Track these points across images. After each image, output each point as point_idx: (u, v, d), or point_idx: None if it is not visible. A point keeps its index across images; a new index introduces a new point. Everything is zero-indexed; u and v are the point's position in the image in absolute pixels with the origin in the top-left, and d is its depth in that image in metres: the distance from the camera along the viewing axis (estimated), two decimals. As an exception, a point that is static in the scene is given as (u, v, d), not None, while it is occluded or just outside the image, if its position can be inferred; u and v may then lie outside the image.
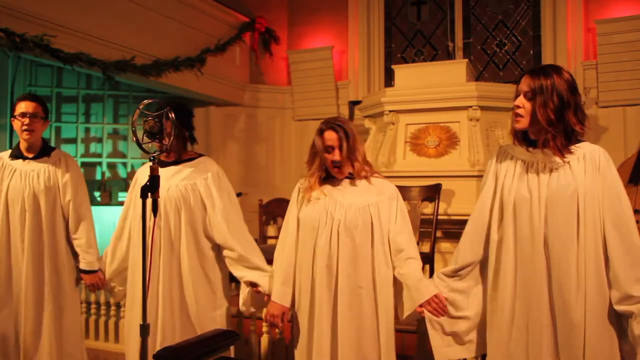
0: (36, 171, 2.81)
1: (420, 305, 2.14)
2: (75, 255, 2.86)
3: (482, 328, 2.13)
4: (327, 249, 2.23)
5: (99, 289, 2.83)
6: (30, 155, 2.84)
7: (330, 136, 2.26)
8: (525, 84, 1.95)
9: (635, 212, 4.16)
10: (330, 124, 2.29)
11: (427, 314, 2.13)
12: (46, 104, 2.92)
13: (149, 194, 2.00)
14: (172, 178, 2.56)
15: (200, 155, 2.68)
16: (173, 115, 2.12)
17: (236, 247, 2.51)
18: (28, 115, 2.75)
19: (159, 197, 2.04)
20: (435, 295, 2.13)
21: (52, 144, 5.68)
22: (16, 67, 5.46)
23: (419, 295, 2.15)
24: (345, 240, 2.22)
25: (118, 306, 3.81)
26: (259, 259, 2.52)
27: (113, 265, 2.73)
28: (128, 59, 4.42)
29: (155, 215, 2.06)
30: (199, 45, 5.36)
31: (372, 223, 2.24)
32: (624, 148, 4.89)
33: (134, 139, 2.08)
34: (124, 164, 6.11)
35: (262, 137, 6.21)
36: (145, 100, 2.09)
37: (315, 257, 2.25)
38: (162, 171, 2.57)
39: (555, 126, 1.90)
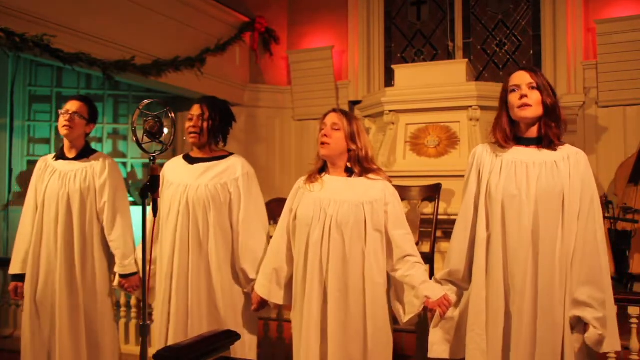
0: (74, 171, 2.76)
1: (429, 303, 2.13)
2: (109, 258, 2.79)
3: (460, 329, 2.14)
4: (318, 245, 2.22)
5: (135, 291, 2.77)
6: (71, 156, 2.81)
7: (330, 118, 2.32)
8: (524, 76, 2.02)
9: (635, 212, 4.18)
10: (335, 109, 2.38)
11: (437, 312, 2.13)
12: (96, 108, 2.89)
13: (149, 193, 2.00)
14: (201, 176, 2.53)
15: (231, 153, 2.64)
16: (173, 115, 2.13)
17: (246, 267, 2.50)
18: (69, 112, 2.75)
19: (158, 197, 2.03)
20: (444, 297, 2.13)
21: (52, 143, 5.69)
22: (16, 67, 5.45)
23: (432, 293, 2.14)
24: (335, 236, 2.21)
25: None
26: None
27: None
28: (128, 59, 4.42)
29: (155, 215, 2.06)
30: (199, 45, 5.36)
31: (365, 222, 2.22)
32: (624, 148, 4.89)
33: (134, 139, 2.09)
34: (124, 164, 6.10)
35: (262, 137, 6.21)
36: (145, 100, 2.10)
37: (307, 253, 2.25)
38: (190, 168, 2.58)
39: (555, 114, 1.99)
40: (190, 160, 2.61)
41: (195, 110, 2.57)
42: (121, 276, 2.72)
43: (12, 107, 5.42)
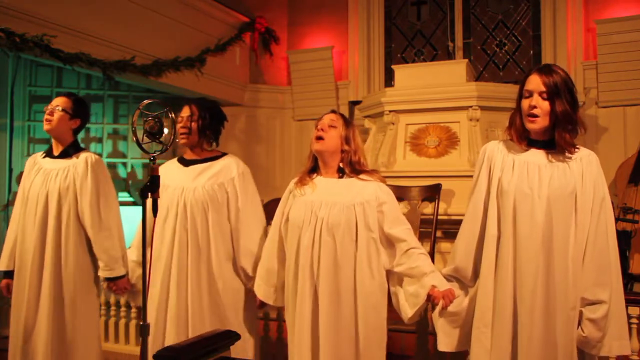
0: (56, 170, 2.71)
1: (435, 292, 2.10)
2: (92, 259, 2.72)
3: (465, 325, 2.14)
4: (309, 249, 2.21)
5: (123, 293, 2.72)
6: (57, 154, 2.77)
7: (328, 116, 2.33)
8: (537, 83, 1.95)
9: (635, 212, 4.18)
10: (333, 110, 2.39)
11: (440, 304, 2.11)
12: (85, 104, 2.85)
13: (149, 193, 1.99)
14: (197, 177, 2.54)
15: (225, 153, 2.65)
16: (173, 115, 2.13)
17: (245, 265, 2.53)
18: (50, 107, 2.74)
19: (158, 197, 2.03)
20: (450, 290, 2.12)
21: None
22: (16, 67, 5.44)
23: (440, 283, 2.12)
24: (327, 239, 2.20)
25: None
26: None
27: (138, 271, 2.63)
28: (128, 59, 4.42)
29: (155, 216, 2.05)
30: (199, 45, 5.36)
31: (356, 223, 2.21)
32: (624, 148, 4.89)
33: (134, 139, 2.08)
34: (124, 164, 6.10)
35: (262, 137, 6.21)
36: (145, 100, 2.09)
37: (298, 256, 2.24)
38: (185, 170, 2.60)
39: (570, 122, 1.95)
40: (185, 162, 2.62)
41: (185, 111, 2.58)
42: (107, 279, 2.66)
43: (12, 107, 5.41)
